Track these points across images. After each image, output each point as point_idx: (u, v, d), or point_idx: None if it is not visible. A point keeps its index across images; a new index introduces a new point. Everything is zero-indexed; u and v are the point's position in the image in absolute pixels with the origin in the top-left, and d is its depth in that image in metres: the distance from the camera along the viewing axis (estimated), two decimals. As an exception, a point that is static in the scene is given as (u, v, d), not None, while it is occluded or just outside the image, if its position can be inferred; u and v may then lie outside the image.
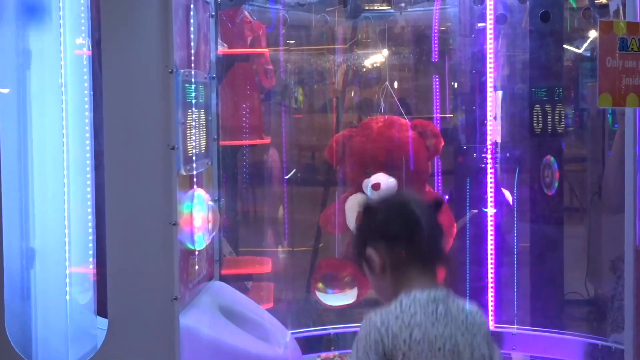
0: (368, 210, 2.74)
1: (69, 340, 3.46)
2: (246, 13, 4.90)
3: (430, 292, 2.66)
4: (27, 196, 3.42)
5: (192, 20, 3.63)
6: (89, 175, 3.57)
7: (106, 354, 3.04)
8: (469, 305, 2.75)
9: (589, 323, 5.39)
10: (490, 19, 4.80)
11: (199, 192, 3.59)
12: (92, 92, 3.54)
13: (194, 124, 3.53)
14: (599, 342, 4.16)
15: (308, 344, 4.35)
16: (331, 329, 4.51)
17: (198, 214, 3.51)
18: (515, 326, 4.50)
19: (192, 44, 3.62)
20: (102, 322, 3.24)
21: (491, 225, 4.75)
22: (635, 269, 3.56)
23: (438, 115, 5.49)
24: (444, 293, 2.69)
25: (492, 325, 4.55)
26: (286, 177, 5.51)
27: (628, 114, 3.67)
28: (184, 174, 3.35)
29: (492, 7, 4.80)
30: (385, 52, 5.77)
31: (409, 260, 2.67)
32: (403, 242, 2.67)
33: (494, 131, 4.98)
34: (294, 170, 5.70)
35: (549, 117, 4.92)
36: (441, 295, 2.68)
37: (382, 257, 2.67)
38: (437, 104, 5.50)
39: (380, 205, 2.74)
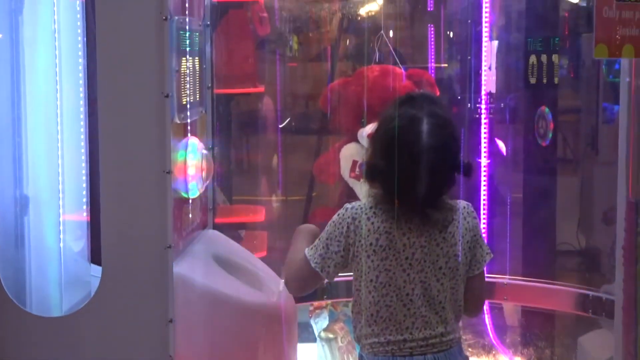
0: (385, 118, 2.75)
1: (62, 287, 3.47)
2: (241, -41, 4.86)
3: (409, 204, 2.68)
4: (20, 143, 3.40)
5: (186, -33, 3.59)
6: (82, 123, 3.56)
7: (100, 301, 3.05)
8: (458, 211, 2.76)
9: (580, 274, 5.43)
10: (486, -32, 4.76)
11: (193, 141, 3.58)
12: (85, 39, 3.51)
13: (188, 71, 3.50)
14: (590, 293, 4.19)
15: (301, 293, 4.36)
16: (324, 278, 4.53)
17: (192, 162, 3.51)
18: (507, 276, 4.53)
19: (186, -10, 3.58)
20: (96, 270, 3.24)
21: (484, 176, 4.76)
22: (627, 221, 3.57)
23: (433, 65, 5.47)
24: (429, 203, 2.69)
25: (484, 275, 4.57)
26: (280, 126, 5.51)
27: (624, 64, 3.65)
28: (178, 122, 3.34)
29: (488, -45, 4.77)
30: (380, 0, 5.73)
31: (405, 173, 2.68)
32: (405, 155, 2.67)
33: (488, 81, 4.97)
34: (288, 118, 5.69)
35: (544, 68, 4.91)
36: (422, 206, 2.69)
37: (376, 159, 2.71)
38: (432, 53, 5.48)
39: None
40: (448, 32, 5.68)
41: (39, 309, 3.31)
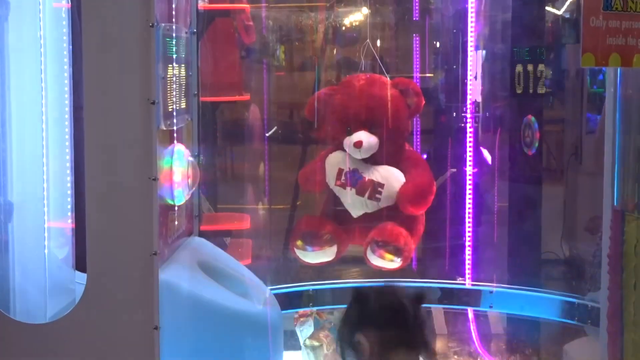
0: (359, 299, 2.74)
1: (47, 293, 3.46)
2: (227, -32, 4.87)
3: None
4: (5, 150, 3.39)
5: (173, -26, 3.59)
6: (67, 130, 3.55)
7: (85, 308, 3.03)
8: None
9: (565, 282, 5.45)
10: (472, -23, 4.77)
11: (179, 148, 3.57)
12: (71, 46, 3.50)
13: (174, 79, 3.50)
14: (575, 301, 4.20)
15: (286, 300, 4.36)
16: (309, 286, 4.53)
17: (178, 169, 3.50)
18: (493, 284, 4.54)
19: (172, -3, 3.58)
20: (81, 277, 3.23)
21: (470, 185, 4.76)
22: (613, 230, 3.58)
23: (418, 74, 5.49)
24: None
25: (469, 283, 4.58)
26: (267, 135, 5.51)
27: (609, 74, 3.67)
28: (164, 129, 3.34)
29: (474, -35, 4.78)
30: (366, 10, 5.75)
31: (396, 346, 2.68)
32: (392, 330, 2.68)
33: (474, 90, 4.98)
34: (275, 127, 5.69)
35: (530, 77, 4.92)
36: None
37: (371, 343, 2.69)
38: (418, 63, 5.49)
39: (371, 295, 2.74)
40: (434, 42, 5.69)
41: (23, 315, 3.29)
